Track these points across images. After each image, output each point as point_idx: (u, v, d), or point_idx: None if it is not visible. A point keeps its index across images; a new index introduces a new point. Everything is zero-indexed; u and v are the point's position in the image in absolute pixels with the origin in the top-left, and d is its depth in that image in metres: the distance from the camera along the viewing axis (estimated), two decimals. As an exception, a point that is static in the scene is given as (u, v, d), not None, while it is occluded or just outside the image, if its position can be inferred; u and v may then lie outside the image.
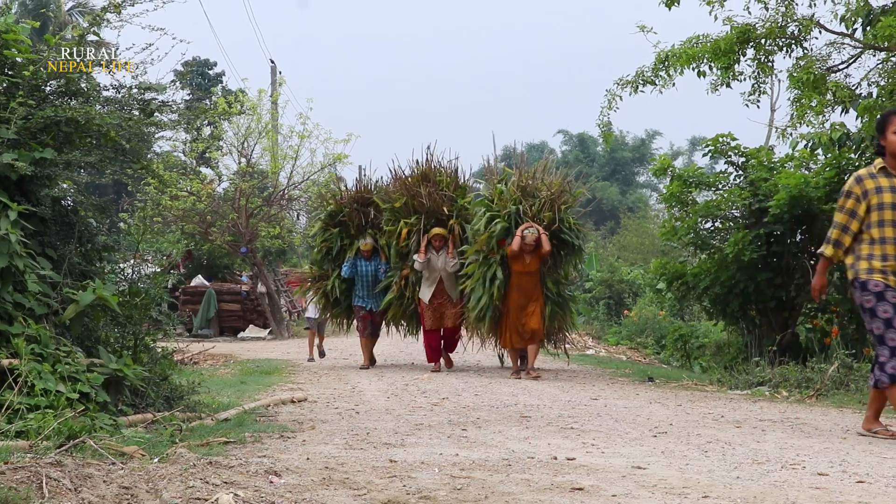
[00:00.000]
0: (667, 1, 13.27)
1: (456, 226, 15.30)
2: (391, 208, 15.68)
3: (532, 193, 14.46)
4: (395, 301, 15.65)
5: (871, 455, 6.58)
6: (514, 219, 14.09)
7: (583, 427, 7.98)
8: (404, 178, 15.84)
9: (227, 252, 28.43)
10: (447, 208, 15.43)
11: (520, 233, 13.70)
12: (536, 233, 13.68)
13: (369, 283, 15.87)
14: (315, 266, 16.61)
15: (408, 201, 15.51)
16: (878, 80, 12.82)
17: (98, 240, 8.74)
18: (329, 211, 16.38)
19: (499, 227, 14.08)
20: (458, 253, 15.08)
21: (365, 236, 15.88)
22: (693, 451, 6.65)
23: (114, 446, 5.72)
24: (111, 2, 8.55)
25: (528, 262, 13.84)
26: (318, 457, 6.13)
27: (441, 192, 15.54)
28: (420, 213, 15.38)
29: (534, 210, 14.18)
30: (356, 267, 15.82)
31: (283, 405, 9.55)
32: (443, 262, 15.07)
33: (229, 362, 16.78)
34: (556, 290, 14.40)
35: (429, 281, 15.19)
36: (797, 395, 11.10)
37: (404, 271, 15.53)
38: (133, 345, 8.32)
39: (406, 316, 15.91)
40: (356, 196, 16.32)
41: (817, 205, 13.73)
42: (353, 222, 16.08)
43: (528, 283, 14.00)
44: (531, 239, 13.66)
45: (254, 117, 27.59)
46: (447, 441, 7.06)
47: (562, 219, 14.17)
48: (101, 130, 7.97)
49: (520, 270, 13.92)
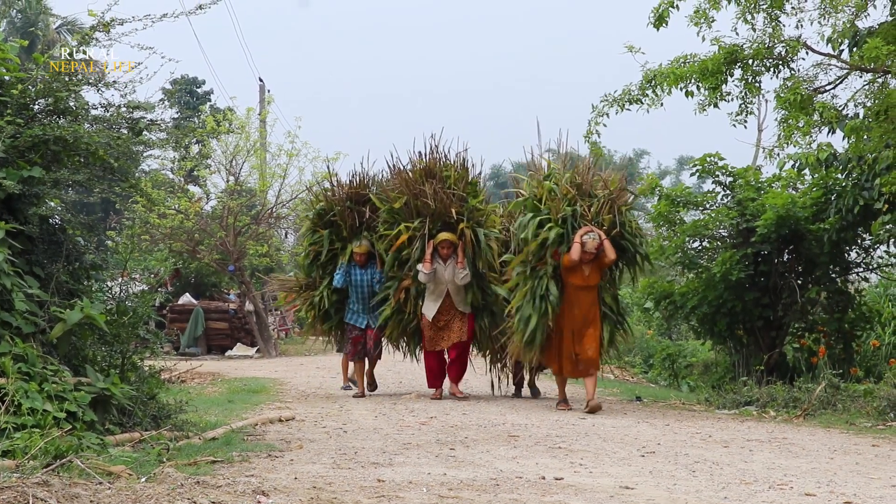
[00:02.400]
0: (655, 21, 13.32)
1: (467, 230, 13.08)
2: (389, 209, 13.37)
3: (588, 192, 12.26)
4: (394, 317, 13.37)
5: (859, 475, 6.59)
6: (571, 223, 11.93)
7: (571, 447, 7.97)
8: (405, 174, 13.51)
9: (214, 270, 28.37)
10: (456, 210, 13.10)
11: (578, 239, 11.64)
12: (598, 239, 11.64)
13: (365, 295, 13.51)
14: (302, 272, 14.27)
15: (409, 201, 13.21)
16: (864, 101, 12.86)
17: (86, 258, 8.72)
18: (318, 209, 13.94)
19: (553, 233, 11.85)
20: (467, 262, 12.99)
21: (359, 239, 13.49)
22: (681, 471, 6.66)
23: (101, 466, 5.70)
24: (100, 20, 8.56)
25: (588, 274, 11.80)
26: (306, 476, 6.12)
27: (448, 190, 13.21)
28: (424, 216, 13.09)
29: (592, 212, 12.02)
30: (350, 275, 13.45)
31: (271, 424, 9.53)
32: (451, 272, 12.98)
33: (217, 381, 16.72)
34: (615, 307, 12.34)
35: (434, 294, 13.09)
36: (785, 414, 11.12)
37: (404, 282, 13.21)
38: (120, 363, 8.30)
39: (406, 333, 13.63)
40: (350, 192, 13.83)
41: (804, 225, 13.77)
42: (346, 223, 13.65)
43: (587, 299, 11.90)
44: (592, 246, 11.64)
45: (242, 135, 27.58)
46: (435, 460, 7.05)
47: (622, 222, 12.06)
48: (89, 149, 7.98)
49: (577, 284, 11.82)
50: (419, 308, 13.22)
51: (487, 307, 13.24)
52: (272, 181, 28.17)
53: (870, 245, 14.64)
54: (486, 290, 13.16)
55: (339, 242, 13.69)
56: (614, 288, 12.46)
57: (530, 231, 12.01)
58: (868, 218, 13.25)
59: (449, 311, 13.14)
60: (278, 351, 27.75)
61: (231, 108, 29.57)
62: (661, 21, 13.33)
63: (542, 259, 12.00)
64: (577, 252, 11.59)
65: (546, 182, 12.37)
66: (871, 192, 12.80)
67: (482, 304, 13.24)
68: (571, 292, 11.86)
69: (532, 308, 11.88)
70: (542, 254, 11.97)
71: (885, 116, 10.91)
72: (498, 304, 13.05)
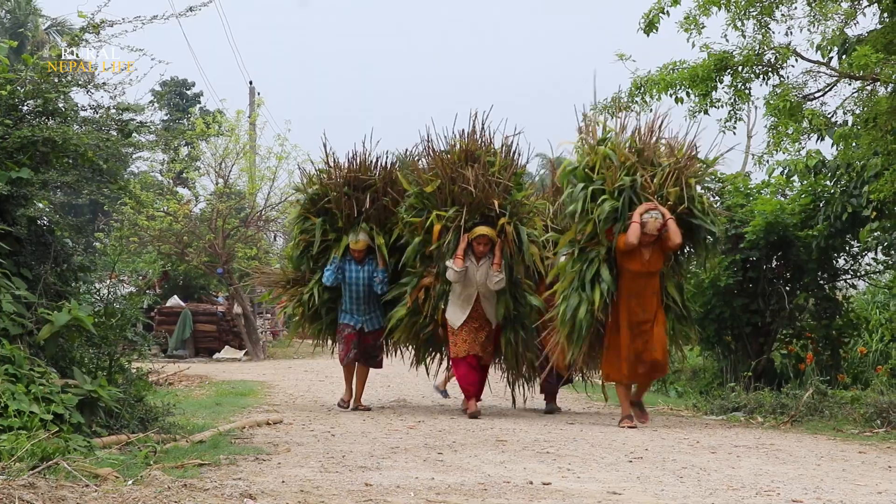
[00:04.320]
0: (645, 27, 13.33)
1: (509, 227, 11.21)
2: (419, 192, 11.56)
3: (651, 160, 10.61)
4: (407, 318, 11.64)
5: (845, 482, 6.61)
6: (629, 196, 10.30)
7: (559, 451, 7.98)
8: (443, 155, 11.69)
9: (203, 273, 28.32)
10: (499, 202, 11.29)
11: (638, 217, 10.06)
12: (661, 218, 10.09)
13: (360, 295, 11.88)
14: (290, 265, 12.54)
15: (444, 186, 11.37)
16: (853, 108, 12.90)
17: (74, 260, 8.72)
18: (311, 194, 12.18)
19: (607, 206, 10.18)
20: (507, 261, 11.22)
21: (357, 231, 11.83)
22: (668, 477, 6.66)
23: (88, 468, 5.69)
24: (90, 22, 8.56)
25: (648, 258, 10.21)
26: (294, 480, 6.11)
27: (491, 178, 11.40)
28: (461, 205, 11.25)
29: (655, 184, 10.36)
30: (343, 272, 11.83)
31: (259, 427, 9.52)
32: (484, 274, 11.17)
33: (204, 383, 16.69)
34: (679, 299, 10.69)
35: (461, 298, 11.30)
36: (772, 420, 11.14)
37: (425, 279, 11.50)
38: (108, 366, 8.29)
39: (419, 339, 11.93)
40: (348, 177, 12.05)
41: (793, 231, 13.80)
42: (342, 212, 11.88)
43: (646, 288, 10.28)
44: (654, 227, 10.06)
45: (231, 138, 27.56)
46: (423, 465, 7.05)
47: (691, 197, 10.42)
48: (78, 150, 7.97)
49: (635, 270, 10.22)
50: (439, 312, 11.48)
51: (518, 319, 11.53)
52: (261, 184, 28.15)
53: (858, 252, 14.67)
54: (520, 299, 11.50)
55: (334, 233, 12.00)
56: (679, 276, 10.85)
57: (580, 204, 10.29)
58: (856, 225, 13.30)
59: (477, 318, 11.37)
60: (266, 354, 27.71)
61: (221, 110, 29.54)
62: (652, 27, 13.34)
63: (593, 238, 10.39)
64: (636, 234, 9.98)
65: (600, 147, 10.69)
66: (860, 200, 12.82)
67: (513, 316, 11.49)
68: (628, 279, 10.25)
69: (580, 296, 10.26)
70: (593, 232, 10.34)
71: (874, 124, 10.95)
72: (531, 318, 11.48)
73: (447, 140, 11.86)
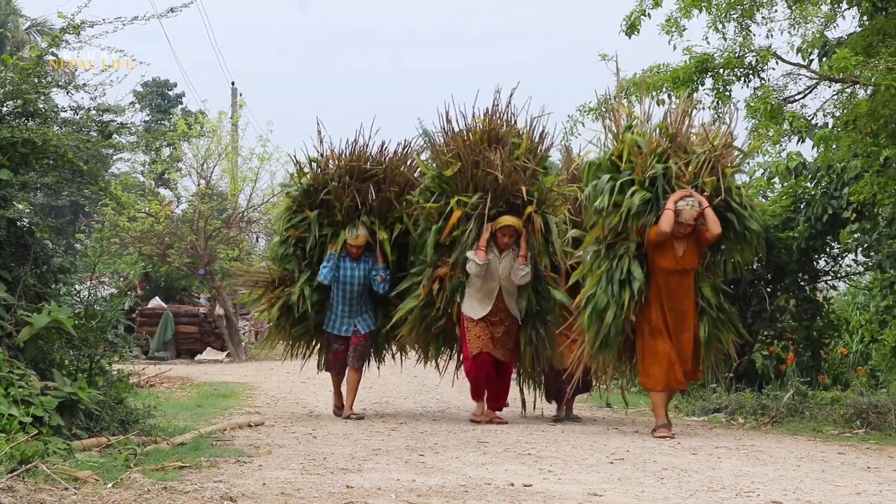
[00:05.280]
0: (627, 29, 13.37)
1: (536, 217, 10.35)
2: (436, 176, 10.63)
3: (684, 147, 9.69)
4: (418, 311, 10.63)
5: (825, 483, 6.63)
6: (661, 186, 9.34)
7: (540, 453, 7.99)
8: (464, 136, 10.68)
9: (185, 274, 28.24)
10: (526, 188, 10.40)
11: (672, 205, 9.09)
12: (698, 206, 9.14)
13: (354, 295, 10.91)
14: (275, 264, 11.39)
15: (466, 169, 10.43)
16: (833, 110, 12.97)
17: (54, 262, 8.68)
18: (304, 186, 11.07)
19: (637, 198, 9.19)
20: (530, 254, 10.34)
21: (356, 225, 10.83)
22: (649, 478, 6.68)
23: (67, 471, 5.67)
24: (70, 22, 8.53)
25: (681, 253, 9.26)
26: (275, 482, 6.10)
27: (517, 162, 10.45)
28: (484, 191, 10.34)
29: (689, 172, 9.39)
30: (337, 270, 10.86)
31: (240, 429, 9.50)
32: (507, 267, 10.30)
33: (186, 385, 16.64)
34: (715, 301, 9.72)
35: (482, 292, 10.38)
36: (753, 421, 11.17)
37: (440, 270, 10.54)
38: (88, 367, 8.26)
39: (429, 334, 10.89)
40: (348, 166, 11.06)
41: (774, 233, 13.84)
42: (342, 204, 10.86)
43: (679, 287, 9.37)
44: (690, 216, 9.06)
45: (213, 139, 27.50)
46: (404, 466, 7.05)
47: (728, 188, 9.46)
48: (58, 152, 7.95)
49: (667, 268, 9.30)
50: (454, 305, 10.56)
51: (541, 315, 10.66)
52: (243, 185, 28.09)
53: (838, 254, 14.73)
54: (543, 293, 10.65)
55: (329, 228, 10.98)
56: (715, 276, 9.93)
57: (606, 198, 9.33)
58: (836, 227, 13.37)
59: (498, 313, 10.44)
60: (248, 355, 27.65)
61: (203, 111, 29.46)
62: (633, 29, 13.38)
63: (620, 234, 9.46)
64: (669, 222, 9.02)
65: (628, 134, 9.77)
66: (840, 202, 12.88)
67: (536, 311, 10.62)
68: (659, 278, 9.36)
69: (608, 297, 9.35)
70: (621, 227, 9.39)
71: (854, 126, 11.00)
72: (554, 314, 10.65)
73: (466, 120, 10.86)
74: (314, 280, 10.90)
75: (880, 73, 10.09)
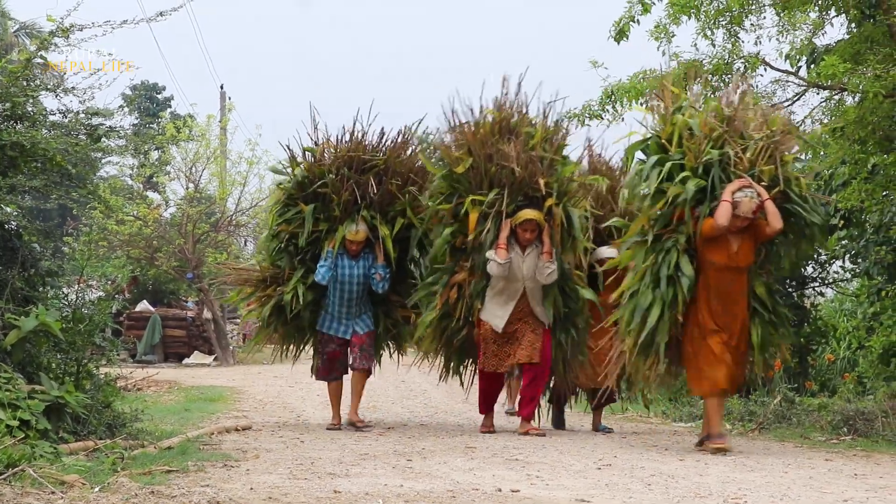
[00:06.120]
0: (615, 35, 13.38)
1: (558, 210, 9.59)
2: (447, 174, 9.90)
3: (740, 132, 8.64)
4: (436, 323, 9.87)
5: (812, 489, 6.65)
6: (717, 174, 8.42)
7: (527, 458, 7.98)
8: (473, 128, 9.95)
9: (172, 278, 28.20)
10: (544, 180, 9.62)
11: (730, 196, 8.22)
12: (757, 198, 8.28)
13: (353, 296, 10.17)
14: (266, 260, 10.60)
15: (479, 165, 9.72)
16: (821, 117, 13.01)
17: (42, 265, 8.67)
18: (299, 178, 10.31)
19: (691, 185, 8.33)
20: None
21: (356, 220, 10.06)
22: (636, 484, 6.68)
23: (54, 475, 5.66)
24: (59, 25, 8.52)
25: (736, 249, 8.40)
26: (262, 486, 6.09)
27: (533, 153, 9.72)
28: (501, 186, 9.60)
29: (747, 160, 8.44)
30: (336, 269, 10.09)
31: (228, 433, 9.48)
32: (531, 265, 9.55)
33: (173, 389, 16.62)
34: (769, 302, 8.73)
35: (504, 295, 9.61)
36: (740, 428, 11.19)
37: (457, 275, 9.77)
38: (76, 371, 8.24)
39: (451, 347, 10.10)
40: (346, 156, 10.23)
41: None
42: (340, 197, 10.07)
43: (733, 286, 8.50)
44: (749, 209, 8.23)
45: (202, 142, 27.49)
46: (392, 471, 7.04)
47: (787, 178, 8.50)
48: (46, 155, 7.94)
49: (720, 264, 8.42)
50: (475, 312, 9.77)
51: (569, 317, 9.94)
52: (232, 189, 28.09)
53: (826, 260, 14.79)
54: (570, 293, 9.91)
55: (325, 223, 10.20)
56: (769, 275, 8.89)
57: (654, 183, 8.51)
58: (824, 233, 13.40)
59: (522, 315, 9.67)
60: (236, 359, 27.62)
61: (191, 114, 29.46)
62: (622, 35, 13.40)
63: (667, 225, 8.59)
64: (727, 215, 8.16)
65: (678, 115, 8.81)
66: (828, 208, 12.92)
67: (563, 314, 9.87)
68: (711, 275, 8.47)
69: (654, 294, 8.48)
70: (669, 217, 8.55)
71: (842, 133, 11.04)
72: (583, 315, 9.99)
73: (474, 113, 10.11)
74: (308, 278, 10.14)
75: (868, 81, 10.06)
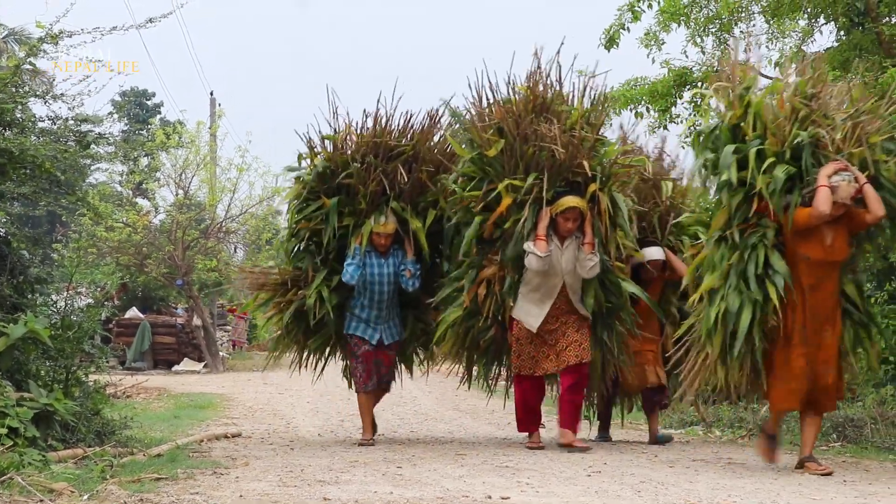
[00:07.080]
0: (606, 43, 13.43)
1: (603, 196, 8.58)
2: (477, 157, 8.84)
3: (824, 111, 7.64)
4: (462, 321, 8.90)
5: (802, 496, 6.65)
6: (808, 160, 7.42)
7: (518, 466, 7.98)
8: (505, 106, 8.90)
9: (162, 284, 28.16)
10: (588, 163, 8.58)
11: (826, 180, 7.25)
12: (855, 182, 7.30)
13: (384, 297, 9.18)
14: (286, 262, 9.54)
15: (514, 147, 8.66)
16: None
17: (30, 272, 8.65)
18: (319, 168, 9.25)
19: (780, 172, 7.36)
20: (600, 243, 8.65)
21: (384, 213, 9.08)
22: (626, 491, 6.68)
23: (42, 483, 5.64)
24: (48, 32, 8.51)
25: (831, 241, 7.41)
26: (252, 494, 6.08)
27: (572, 134, 8.65)
28: (539, 170, 8.55)
29: (837, 141, 7.43)
30: (364, 268, 9.07)
31: (217, 441, 9.46)
32: (571, 258, 8.57)
33: (163, 396, 16.59)
34: (859, 301, 7.79)
35: (540, 291, 8.65)
36: (730, 434, 11.20)
37: (486, 271, 8.78)
38: (64, 378, 8.22)
39: (477, 349, 9.19)
40: (372, 143, 9.22)
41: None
42: (367, 189, 9.06)
43: (825, 284, 7.51)
44: (848, 194, 7.26)
45: (192, 149, 27.48)
46: (382, 479, 7.03)
47: (876, 162, 7.51)
48: (35, 161, 7.93)
49: (815, 259, 7.44)
50: (506, 310, 8.80)
51: (612, 313, 8.96)
52: (222, 195, 28.07)
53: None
54: (612, 287, 8.87)
55: (350, 218, 9.17)
56: (856, 270, 7.93)
57: (734, 172, 7.55)
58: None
59: (560, 315, 8.71)
60: (226, 366, 27.60)
61: (181, 121, 29.44)
62: (612, 42, 13.45)
63: (747, 220, 7.62)
64: (828, 201, 7.18)
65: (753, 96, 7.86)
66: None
67: (605, 310, 8.91)
68: (804, 272, 7.45)
69: (740, 296, 7.49)
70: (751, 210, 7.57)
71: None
72: (626, 310, 8.94)
73: (504, 90, 9.13)
74: (333, 279, 9.19)
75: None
